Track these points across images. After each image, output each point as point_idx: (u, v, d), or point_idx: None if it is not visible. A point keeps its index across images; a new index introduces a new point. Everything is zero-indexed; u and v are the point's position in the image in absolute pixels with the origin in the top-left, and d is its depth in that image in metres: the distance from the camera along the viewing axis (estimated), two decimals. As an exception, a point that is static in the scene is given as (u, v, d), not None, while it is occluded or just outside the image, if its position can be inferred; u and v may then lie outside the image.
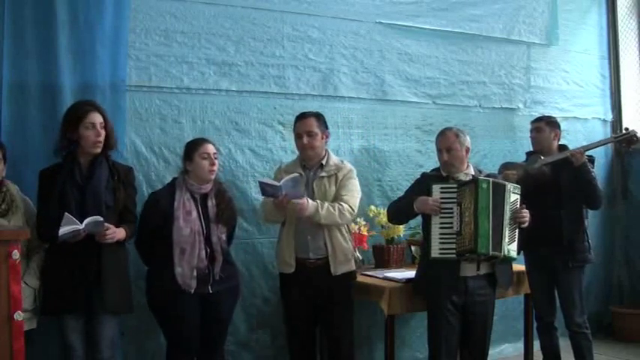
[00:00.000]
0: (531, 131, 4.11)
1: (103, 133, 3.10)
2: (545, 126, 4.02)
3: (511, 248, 3.34)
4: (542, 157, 3.96)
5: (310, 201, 3.38)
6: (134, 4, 3.72)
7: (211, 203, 3.37)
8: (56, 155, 3.14)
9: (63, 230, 2.85)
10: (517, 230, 3.38)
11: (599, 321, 5.37)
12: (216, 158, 3.39)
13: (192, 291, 3.25)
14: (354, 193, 3.54)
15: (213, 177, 3.39)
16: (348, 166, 3.64)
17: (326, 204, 3.42)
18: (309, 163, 3.58)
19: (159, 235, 3.29)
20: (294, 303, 3.57)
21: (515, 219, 3.36)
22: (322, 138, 3.57)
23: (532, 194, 3.54)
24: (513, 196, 3.36)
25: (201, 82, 3.94)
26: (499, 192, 3.33)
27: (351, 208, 3.48)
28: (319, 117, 3.60)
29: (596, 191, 3.85)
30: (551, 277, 3.98)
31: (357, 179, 3.63)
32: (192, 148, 3.38)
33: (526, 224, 3.41)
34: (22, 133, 3.43)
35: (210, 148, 3.38)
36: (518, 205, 3.39)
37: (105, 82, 3.58)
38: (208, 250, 3.30)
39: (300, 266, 3.51)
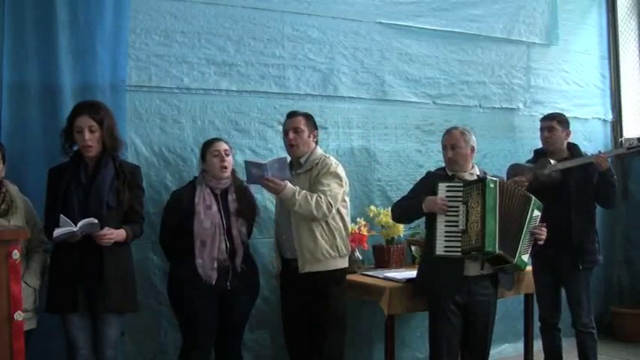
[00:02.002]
0: (542, 130, 4.02)
1: (93, 136, 3.06)
2: (557, 125, 3.96)
3: (523, 259, 3.40)
4: (551, 162, 3.89)
5: (290, 184, 3.32)
6: (134, 4, 3.71)
7: (232, 198, 3.48)
8: (62, 155, 3.15)
9: (57, 232, 2.88)
10: (531, 245, 3.45)
11: (599, 321, 5.34)
12: (227, 155, 3.47)
13: (214, 282, 3.33)
14: (331, 189, 3.39)
15: (225, 174, 3.46)
16: (329, 162, 3.49)
17: (304, 192, 3.34)
18: (295, 162, 3.56)
19: (180, 231, 3.37)
20: (283, 303, 3.65)
21: (533, 234, 3.43)
22: (309, 136, 3.56)
23: (540, 196, 3.52)
24: (537, 212, 3.43)
25: (201, 82, 3.94)
26: (525, 203, 3.39)
27: (330, 201, 3.35)
28: (308, 117, 3.61)
29: (616, 192, 3.91)
30: (557, 279, 3.96)
31: (338, 177, 3.47)
32: (205, 147, 3.51)
33: (541, 242, 3.48)
34: (22, 133, 3.43)
35: (221, 146, 3.47)
36: (537, 222, 3.45)
37: (105, 82, 3.58)
38: (228, 244, 3.38)
39: (284, 265, 3.58)
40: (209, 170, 3.46)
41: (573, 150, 4.00)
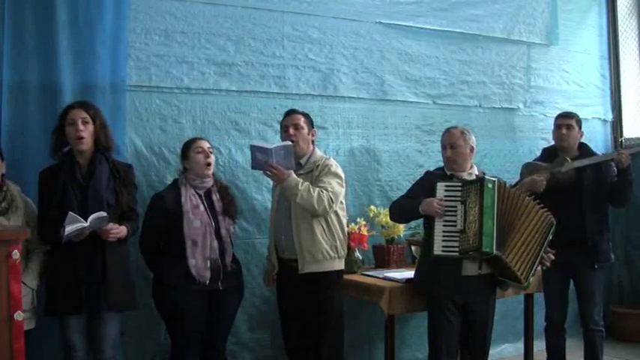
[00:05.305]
0: (560, 127, 3.96)
1: (86, 128, 3.07)
2: (575, 124, 3.95)
3: (530, 280, 3.39)
4: (568, 160, 3.86)
5: (293, 174, 3.32)
6: (134, 4, 3.72)
7: (216, 197, 3.45)
8: (52, 157, 3.14)
9: (69, 229, 2.84)
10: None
11: (599, 321, 5.37)
12: (211, 152, 3.46)
13: (207, 282, 3.29)
14: (333, 186, 3.40)
15: (210, 171, 3.44)
16: (330, 162, 3.51)
17: (307, 184, 3.34)
18: (296, 163, 3.52)
19: (166, 234, 3.31)
20: (281, 303, 3.64)
21: (542, 257, 3.42)
22: (309, 134, 3.58)
23: (553, 196, 3.51)
24: (550, 236, 3.41)
25: (201, 82, 3.95)
26: (547, 226, 3.36)
27: (331, 197, 3.36)
28: (307, 115, 3.63)
29: (631, 192, 3.87)
30: (568, 278, 3.95)
31: (339, 177, 3.49)
32: (187, 146, 3.47)
33: (545, 268, 3.50)
34: (22, 133, 3.44)
35: (204, 144, 3.45)
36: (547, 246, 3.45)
37: (105, 82, 3.58)
38: (217, 243, 3.35)
39: (281, 266, 3.57)
40: (192, 168, 3.41)
41: (583, 149, 3.99)
